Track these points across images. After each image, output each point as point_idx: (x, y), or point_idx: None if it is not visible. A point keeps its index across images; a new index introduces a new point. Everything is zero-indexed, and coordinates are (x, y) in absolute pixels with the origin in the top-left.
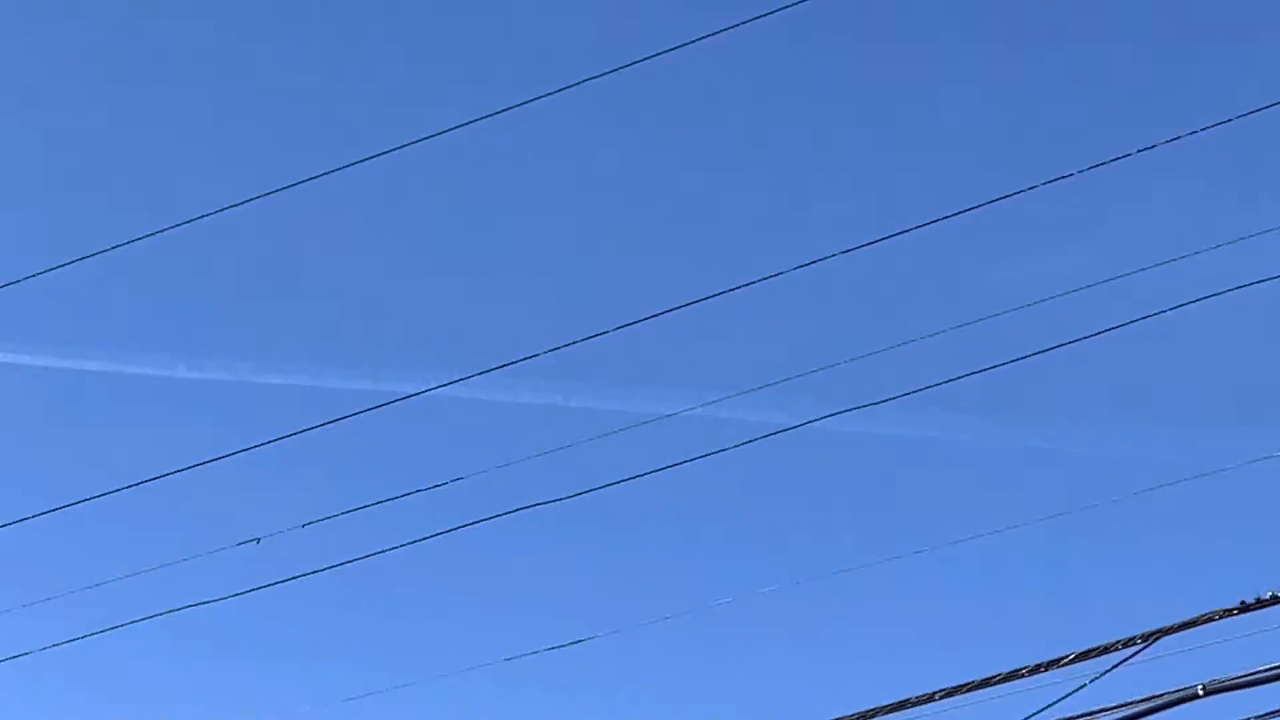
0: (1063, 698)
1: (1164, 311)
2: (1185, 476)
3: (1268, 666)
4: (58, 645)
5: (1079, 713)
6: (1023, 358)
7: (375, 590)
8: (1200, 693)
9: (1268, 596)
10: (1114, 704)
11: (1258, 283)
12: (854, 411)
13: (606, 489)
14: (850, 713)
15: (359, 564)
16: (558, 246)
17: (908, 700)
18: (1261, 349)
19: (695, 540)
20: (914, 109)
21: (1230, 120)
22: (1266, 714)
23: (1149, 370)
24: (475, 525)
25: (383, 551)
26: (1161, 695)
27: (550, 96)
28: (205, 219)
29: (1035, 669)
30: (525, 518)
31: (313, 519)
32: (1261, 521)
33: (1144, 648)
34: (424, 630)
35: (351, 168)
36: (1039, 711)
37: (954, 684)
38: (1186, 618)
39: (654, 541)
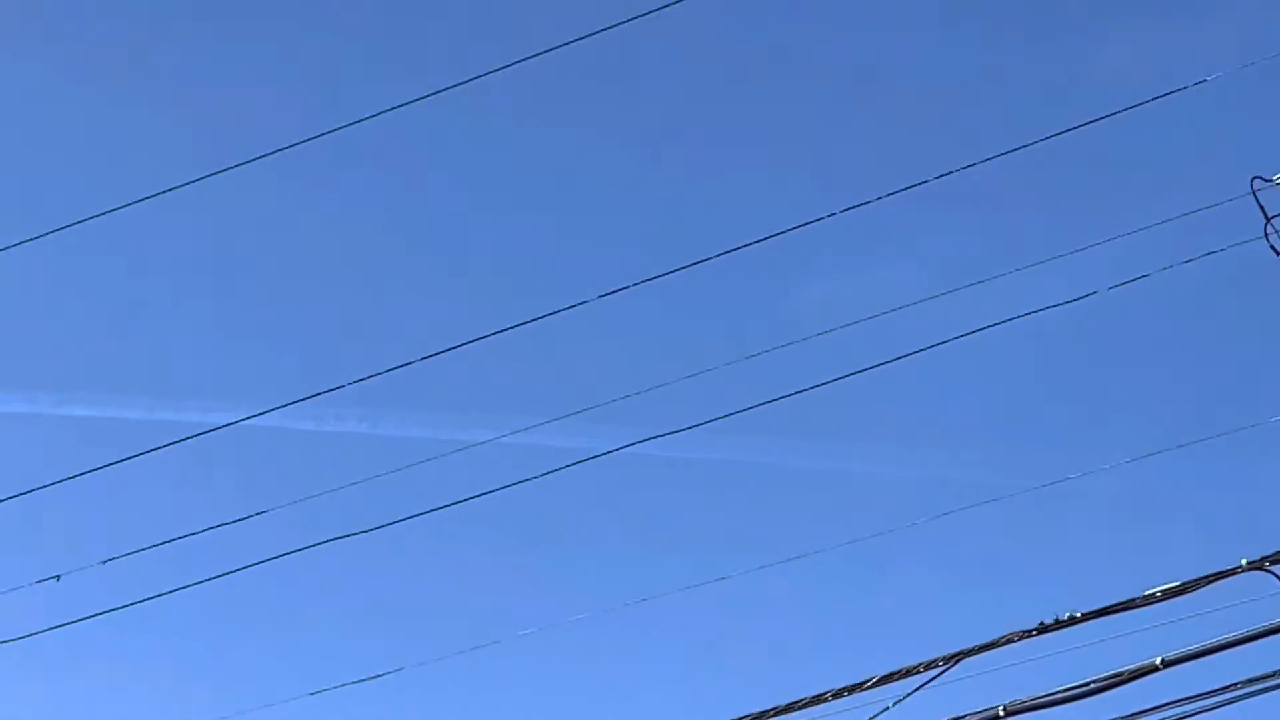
0: None
1: (970, 334)
2: (984, 499)
3: (1067, 686)
4: None
5: None
6: (831, 381)
7: (180, 627)
8: (1001, 714)
9: (1065, 617)
10: None
11: (1055, 306)
12: (663, 437)
13: (411, 519)
14: None
15: (161, 600)
16: (350, 274)
17: None
18: (1058, 373)
19: (500, 569)
20: (725, 127)
21: (1029, 145)
22: None
23: (948, 393)
24: (280, 559)
25: (185, 588)
26: (964, 717)
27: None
28: None
29: (838, 693)
30: (331, 550)
31: (113, 555)
32: (1058, 542)
33: (945, 670)
34: (226, 671)
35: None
36: None
37: (758, 709)
38: (987, 639)
39: (458, 572)
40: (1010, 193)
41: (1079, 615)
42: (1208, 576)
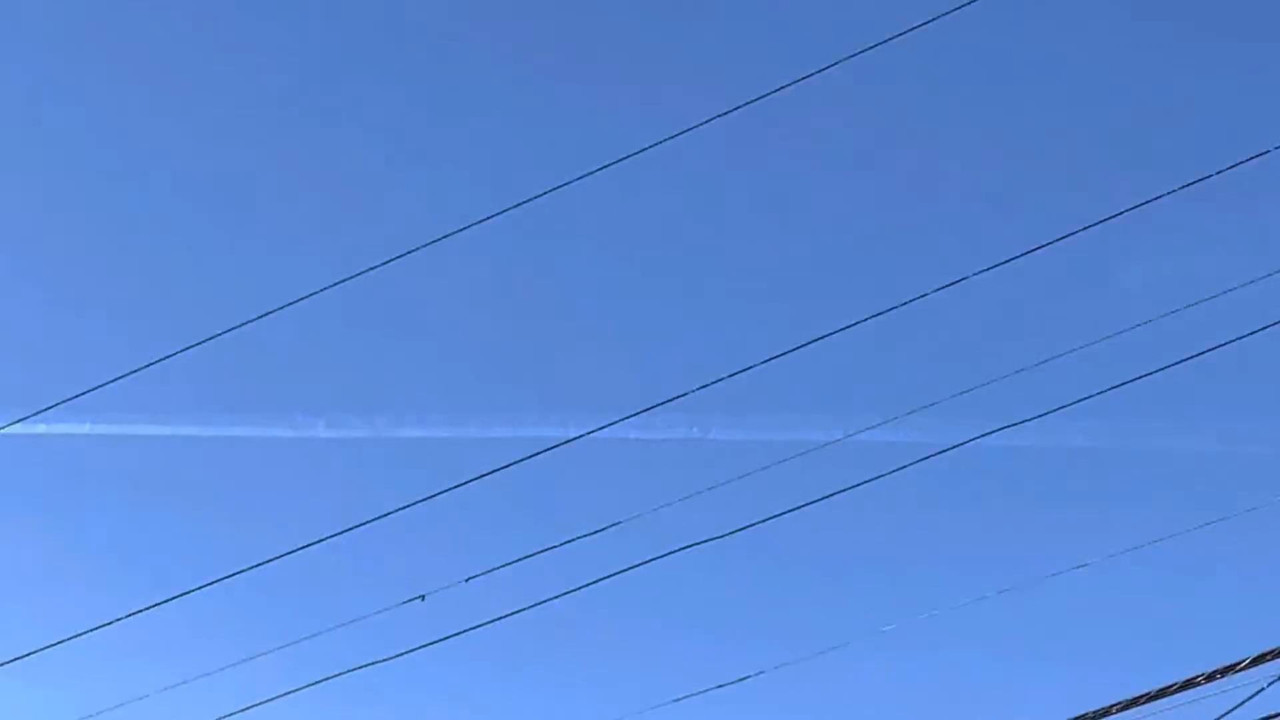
0: (1240, 704)
1: None
2: None
3: None
4: (230, 716)
5: (1257, 718)
6: (1186, 359)
7: (542, 640)
8: None
9: None
10: None
11: None
12: (1002, 431)
13: (767, 521)
14: None
15: (524, 614)
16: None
17: (1083, 716)
18: None
19: (850, 567)
20: (1046, 115)
21: None
22: None
23: None
24: (639, 568)
25: (544, 602)
26: None
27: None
28: (341, 284)
29: (1210, 676)
30: (683, 557)
31: (474, 572)
32: None
33: None
34: (593, 678)
35: (482, 223)
36: (1217, 719)
37: (1130, 696)
38: None
39: (812, 572)
40: None
41: None
42: None
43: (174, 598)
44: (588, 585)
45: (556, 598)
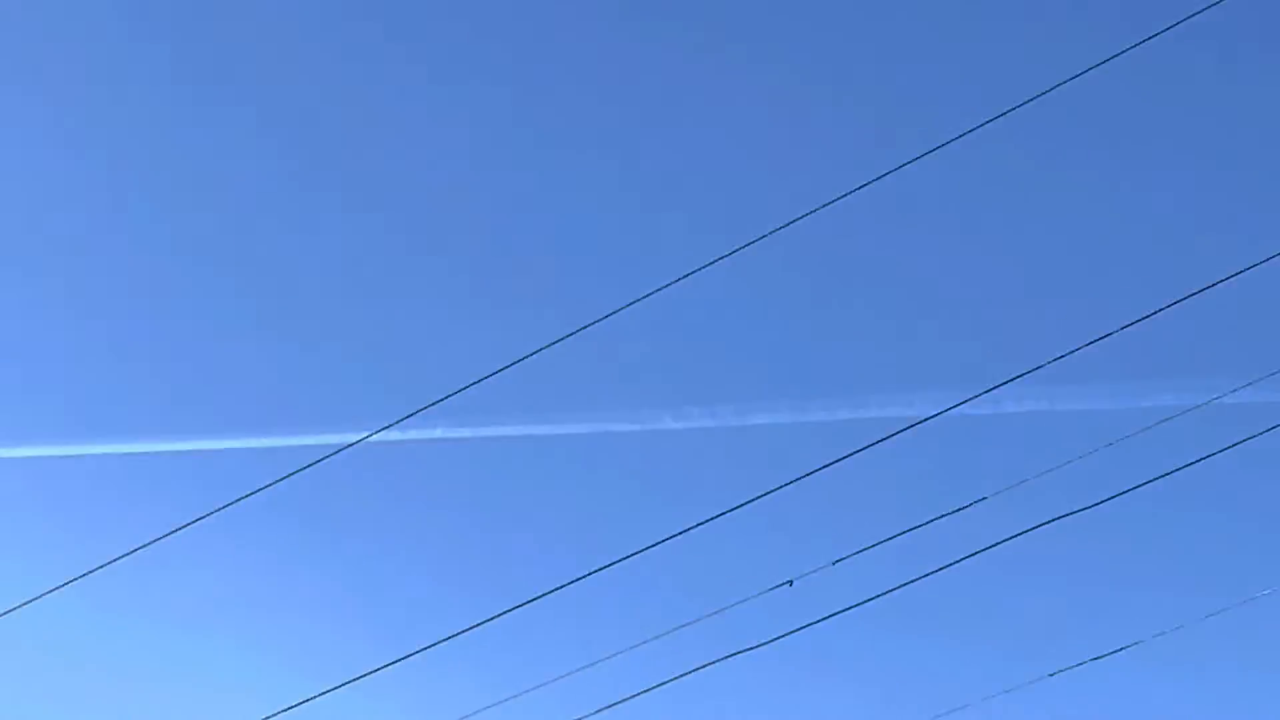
0: None
1: None
2: None
3: None
4: (608, 707)
5: None
6: None
7: (908, 624)
8: None
9: None
10: None
11: None
12: None
13: (1126, 494)
14: None
15: (889, 597)
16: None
17: None
18: None
19: (1226, 533)
20: None
21: None
22: None
23: None
24: (1007, 542)
25: (912, 581)
26: None
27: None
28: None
29: None
30: (1045, 533)
31: (840, 555)
32: None
33: None
34: (941, 665)
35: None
36: None
37: None
38: None
39: (1183, 540)
40: None
41: None
42: None
43: (545, 594)
44: (955, 563)
45: (922, 578)
